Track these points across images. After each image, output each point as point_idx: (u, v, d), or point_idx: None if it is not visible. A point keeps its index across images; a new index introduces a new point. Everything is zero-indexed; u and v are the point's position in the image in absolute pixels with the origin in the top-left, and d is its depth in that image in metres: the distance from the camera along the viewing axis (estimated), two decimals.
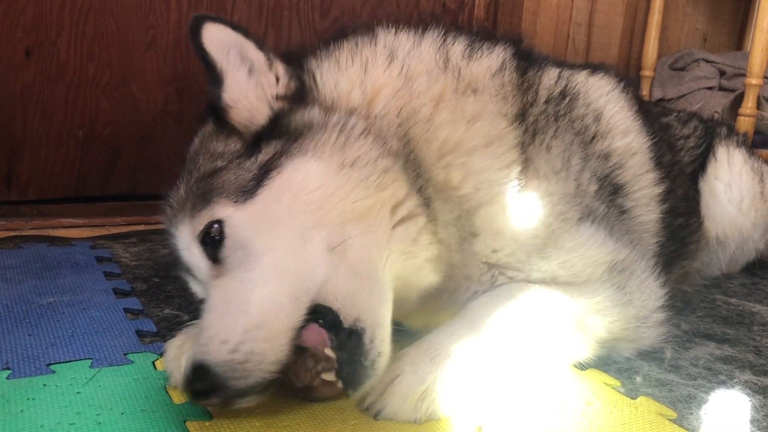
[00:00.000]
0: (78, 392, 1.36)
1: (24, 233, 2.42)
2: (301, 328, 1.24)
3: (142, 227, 2.61)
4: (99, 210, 2.71)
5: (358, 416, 1.34)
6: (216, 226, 1.32)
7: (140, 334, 1.63)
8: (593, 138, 1.79)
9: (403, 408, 1.32)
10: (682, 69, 3.77)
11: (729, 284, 2.45)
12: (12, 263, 2.08)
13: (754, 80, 3.20)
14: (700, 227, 2.30)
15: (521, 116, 1.64)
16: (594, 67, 2.01)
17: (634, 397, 1.51)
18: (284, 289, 1.25)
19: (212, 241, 1.32)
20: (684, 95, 3.49)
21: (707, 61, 3.72)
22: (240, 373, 1.19)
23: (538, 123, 1.67)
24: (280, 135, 1.42)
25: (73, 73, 2.62)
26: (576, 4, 3.50)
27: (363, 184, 1.35)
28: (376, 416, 1.33)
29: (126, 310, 1.78)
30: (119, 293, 1.90)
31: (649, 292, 1.69)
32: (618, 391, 1.54)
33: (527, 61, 1.76)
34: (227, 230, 1.31)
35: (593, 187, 1.72)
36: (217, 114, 1.49)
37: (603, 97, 1.90)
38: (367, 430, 1.30)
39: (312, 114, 1.45)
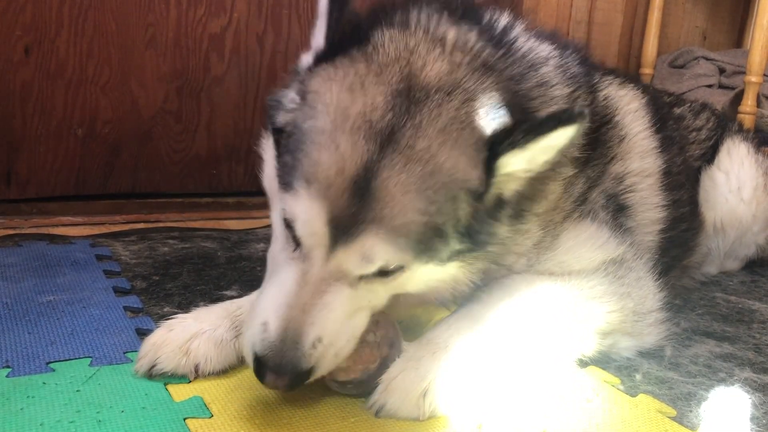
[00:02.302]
0: (78, 390, 1.36)
1: (23, 231, 2.42)
2: None
3: (141, 225, 2.61)
4: (99, 208, 2.71)
5: (358, 413, 1.34)
6: (399, 266, 1.31)
7: (140, 333, 1.63)
8: (612, 158, 1.78)
9: (404, 404, 1.32)
10: (682, 67, 3.76)
11: (729, 282, 2.45)
12: (11, 261, 2.07)
13: (753, 78, 3.20)
14: (702, 226, 2.29)
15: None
16: (623, 77, 1.99)
17: (633, 395, 1.51)
18: None
19: (385, 271, 1.30)
20: (684, 93, 3.48)
21: (707, 59, 3.72)
22: None
23: (588, 148, 1.67)
24: None
25: (73, 71, 2.62)
26: (575, 1, 3.50)
27: None
28: (377, 413, 1.33)
29: (126, 308, 1.78)
30: (119, 291, 1.90)
31: (647, 290, 1.70)
32: (618, 389, 1.54)
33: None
34: (399, 276, 1.32)
35: (601, 201, 1.74)
36: None
37: (629, 116, 1.89)
38: (367, 427, 1.30)
39: None
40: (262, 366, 1.25)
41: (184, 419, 1.28)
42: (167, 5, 2.73)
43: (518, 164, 1.34)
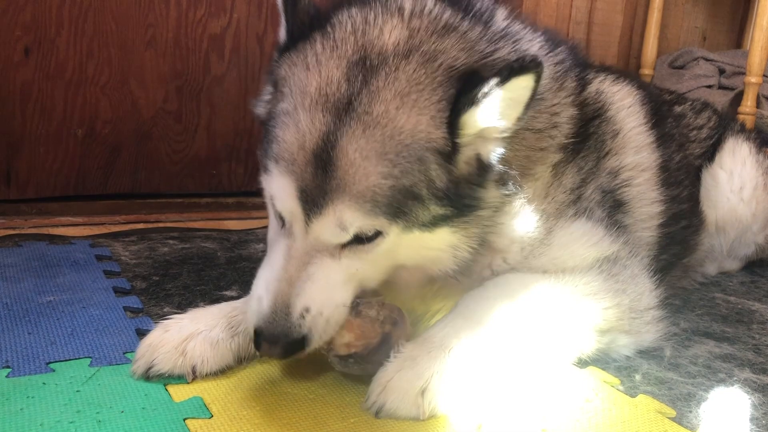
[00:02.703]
0: (77, 391, 1.36)
1: (23, 231, 2.42)
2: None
3: (141, 225, 2.61)
4: (98, 208, 2.71)
5: (358, 414, 1.34)
6: (376, 231, 1.35)
7: (140, 333, 1.63)
8: (607, 153, 1.80)
9: (403, 404, 1.33)
10: (682, 67, 3.76)
11: (728, 282, 2.45)
12: (11, 262, 2.07)
13: (753, 78, 3.20)
14: (702, 224, 2.30)
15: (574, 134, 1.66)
16: (618, 74, 2.00)
17: (633, 395, 1.51)
18: None
19: (362, 238, 1.35)
20: (683, 93, 3.48)
21: (707, 60, 3.72)
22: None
23: (580, 138, 1.69)
24: None
25: (73, 72, 2.62)
26: (575, 2, 3.50)
27: None
28: (377, 414, 1.33)
29: (126, 308, 1.78)
30: (119, 292, 1.90)
31: (643, 287, 1.70)
32: (617, 389, 1.54)
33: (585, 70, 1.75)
34: (381, 242, 1.36)
35: (596, 197, 1.74)
36: None
37: (623, 111, 1.90)
38: (366, 427, 1.30)
39: None
40: (258, 336, 1.34)
41: (184, 419, 1.28)
42: (167, 6, 2.73)
43: (484, 121, 1.35)
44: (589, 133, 1.73)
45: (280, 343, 1.33)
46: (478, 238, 1.49)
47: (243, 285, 2.02)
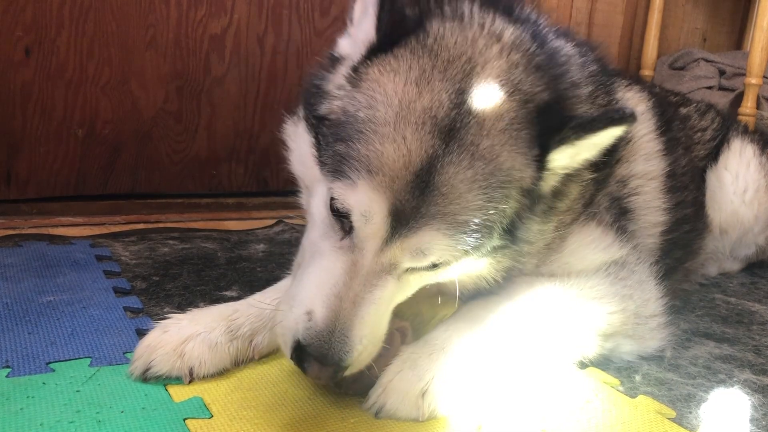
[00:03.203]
0: (77, 391, 1.36)
1: (23, 232, 2.42)
2: None
3: (141, 226, 2.61)
4: (99, 208, 2.71)
5: (358, 415, 1.34)
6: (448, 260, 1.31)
7: (140, 333, 1.62)
8: (617, 161, 1.78)
9: (403, 405, 1.32)
10: (682, 68, 3.76)
11: (728, 283, 2.45)
12: (11, 262, 2.07)
13: (753, 80, 3.20)
14: (706, 228, 2.30)
15: None
16: (630, 80, 1.99)
17: (633, 396, 1.51)
18: None
19: (436, 264, 1.30)
20: (684, 95, 3.48)
21: (707, 61, 3.72)
22: None
23: None
24: None
25: (73, 72, 2.62)
26: (576, 3, 3.50)
27: None
28: (377, 414, 1.33)
29: (126, 308, 1.78)
30: (119, 292, 1.90)
31: (650, 294, 1.70)
32: (617, 390, 1.54)
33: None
34: (447, 266, 1.32)
35: (605, 203, 1.74)
36: None
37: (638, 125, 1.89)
38: (366, 427, 1.30)
39: None
40: (305, 355, 1.24)
41: (184, 420, 1.28)
42: (168, 6, 2.73)
43: (563, 160, 1.37)
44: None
45: (331, 366, 1.24)
46: (505, 271, 1.47)
47: (243, 285, 2.02)
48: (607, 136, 1.34)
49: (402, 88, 1.28)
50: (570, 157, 1.37)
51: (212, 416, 1.30)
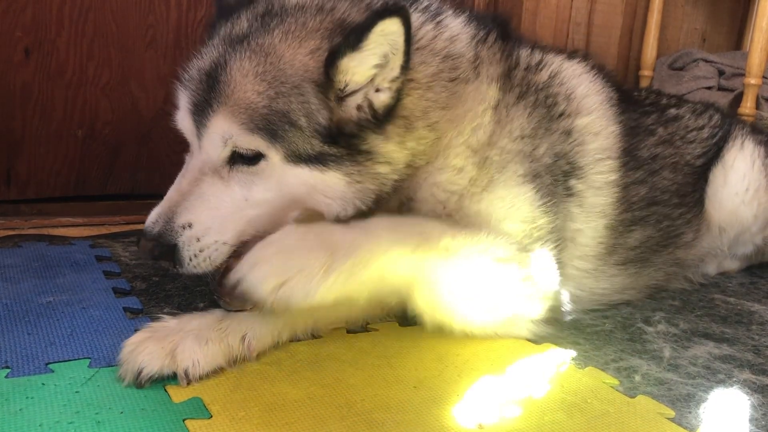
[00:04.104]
0: (77, 391, 1.36)
1: (23, 232, 2.42)
2: None
3: (141, 226, 2.60)
4: (98, 209, 2.71)
5: (356, 414, 1.34)
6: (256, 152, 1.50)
7: None
8: (560, 115, 1.87)
9: (260, 289, 1.37)
10: (681, 69, 3.76)
11: (728, 283, 2.45)
12: (11, 262, 2.07)
13: (753, 80, 3.20)
14: (696, 219, 2.30)
15: (506, 76, 1.78)
16: (570, 53, 2.09)
17: (632, 396, 1.51)
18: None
19: (244, 156, 1.50)
20: (683, 95, 3.48)
21: (706, 61, 3.72)
22: None
23: (522, 87, 1.79)
24: None
25: (73, 72, 2.62)
26: (575, 3, 3.50)
27: None
28: (234, 288, 1.39)
29: (125, 309, 1.78)
30: (119, 292, 1.90)
31: (547, 278, 1.74)
32: (617, 390, 1.54)
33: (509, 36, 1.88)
34: (265, 167, 1.51)
35: (547, 160, 1.79)
36: None
37: (576, 78, 1.98)
38: (366, 427, 1.31)
39: None
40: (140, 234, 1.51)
41: (184, 420, 1.28)
42: (168, 6, 2.74)
43: (365, 65, 1.49)
44: (537, 85, 1.84)
45: (151, 243, 1.49)
46: (372, 194, 1.57)
47: None
48: (386, 31, 1.45)
49: (223, 26, 1.63)
50: (367, 61, 1.48)
51: (212, 417, 1.30)
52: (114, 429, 1.24)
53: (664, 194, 2.16)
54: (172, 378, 1.41)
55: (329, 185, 1.53)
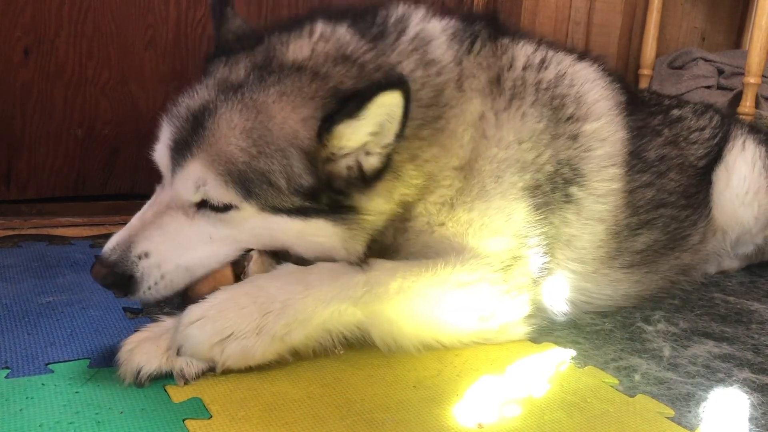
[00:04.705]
0: (77, 391, 1.36)
1: (23, 232, 2.42)
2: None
3: None
4: (98, 209, 2.71)
5: (356, 414, 1.35)
6: (227, 203, 1.49)
7: None
8: (568, 119, 1.84)
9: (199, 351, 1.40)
10: (681, 68, 3.76)
11: (727, 282, 2.46)
12: (11, 262, 2.08)
13: (752, 79, 3.20)
14: (702, 221, 2.30)
15: (495, 82, 1.74)
16: (581, 53, 2.06)
17: (632, 395, 1.52)
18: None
19: (215, 206, 1.49)
20: (682, 94, 3.48)
21: (706, 60, 3.72)
22: None
23: (516, 89, 1.75)
24: None
25: (72, 72, 2.62)
26: (574, 2, 3.50)
27: None
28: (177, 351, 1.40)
29: (125, 309, 1.78)
30: None
31: (524, 274, 1.71)
32: (616, 389, 1.54)
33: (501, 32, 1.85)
34: (236, 215, 1.50)
35: (549, 168, 1.76)
36: None
37: (588, 83, 1.94)
38: (366, 427, 1.31)
39: None
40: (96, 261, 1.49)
41: (183, 420, 1.28)
42: (167, 6, 2.73)
43: (361, 133, 1.47)
44: (539, 85, 1.80)
45: (105, 271, 1.46)
46: (364, 242, 1.57)
47: None
48: (386, 104, 1.43)
49: (219, 67, 1.61)
50: (363, 130, 1.46)
51: (211, 416, 1.30)
52: (114, 429, 1.24)
53: (671, 196, 2.13)
54: (172, 377, 1.41)
55: (320, 231, 1.52)
